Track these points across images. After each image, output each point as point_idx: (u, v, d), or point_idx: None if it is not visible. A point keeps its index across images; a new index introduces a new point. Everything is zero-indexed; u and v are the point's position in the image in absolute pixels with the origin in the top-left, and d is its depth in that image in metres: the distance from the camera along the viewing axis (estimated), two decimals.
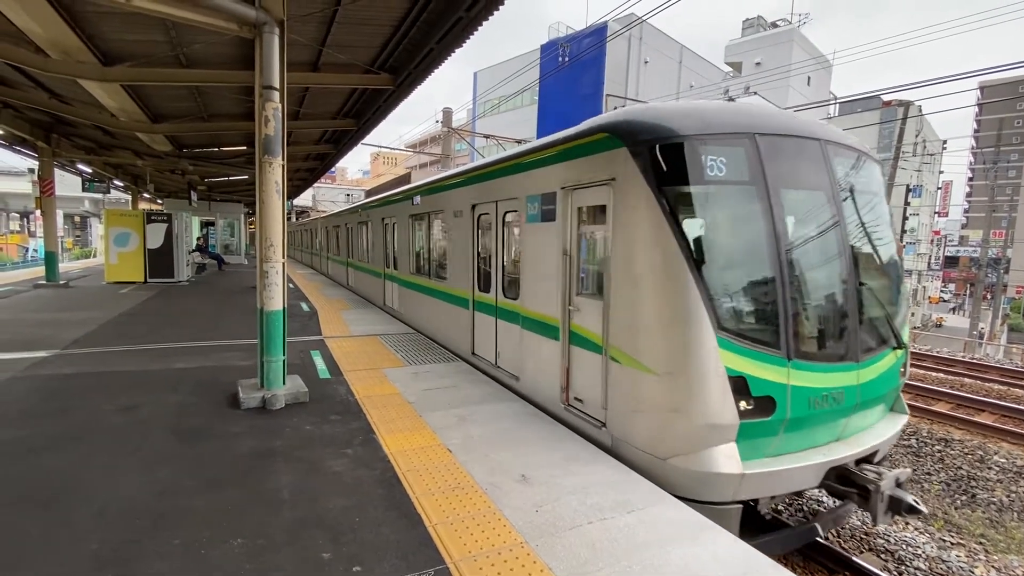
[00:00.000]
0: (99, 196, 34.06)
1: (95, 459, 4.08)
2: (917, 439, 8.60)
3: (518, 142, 16.95)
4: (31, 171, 28.47)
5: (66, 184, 24.26)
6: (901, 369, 4.65)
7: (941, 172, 49.40)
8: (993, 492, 7.03)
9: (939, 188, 47.75)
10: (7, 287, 15.24)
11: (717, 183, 3.88)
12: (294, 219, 40.28)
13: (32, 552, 2.89)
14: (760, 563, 2.91)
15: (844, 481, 4.04)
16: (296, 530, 3.14)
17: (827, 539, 5.09)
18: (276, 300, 5.44)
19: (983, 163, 50.29)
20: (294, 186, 27.02)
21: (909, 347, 4.80)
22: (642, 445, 4.04)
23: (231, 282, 18.59)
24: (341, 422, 4.98)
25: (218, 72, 8.72)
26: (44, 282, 15.50)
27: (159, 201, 29.70)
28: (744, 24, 41.04)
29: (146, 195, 26.95)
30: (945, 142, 36.34)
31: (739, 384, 3.65)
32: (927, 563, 5.15)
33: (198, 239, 24.19)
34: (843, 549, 5.08)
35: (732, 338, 3.68)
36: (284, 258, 5.54)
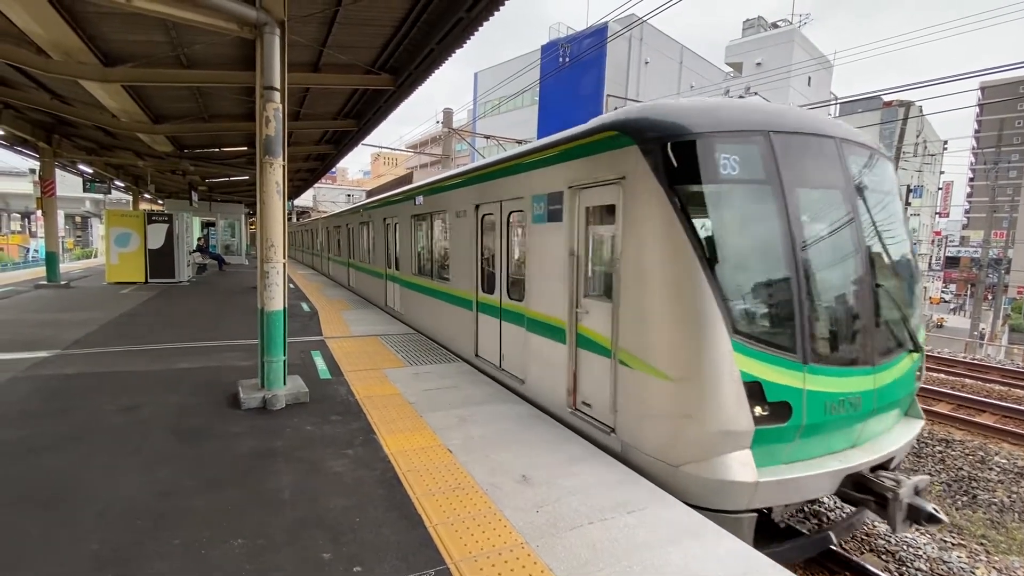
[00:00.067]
0: (100, 196, 34.12)
1: (96, 459, 4.08)
2: (918, 440, 8.59)
3: (518, 143, 16.96)
4: (32, 171, 28.53)
5: (67, 184, 24.31)
6: (917, 373, 4.53)
7: (942, 172, 49.42)
8: (994, 493, 7.02)
9: (940, 188, 47.76)
10: (8, 287, 15.26)
11: (731, 182, 3.77)
12: (295, 219, 40.30)
13: (32, 552, 2.89)
14: (760, 563, 2.91)
15: (860, 488, 3.90)
16: (296, 530, 3.14)
17: (841, 546, 4.96)
18: (277, 300, 5.44)
19: (984, 163, 50.25)
20: (295, 187, 27.04)
21: (925, 350, 4.69)
22: (653, 452, 3.94)
23: (232, 282, 18.60)
24: (342, 422, 4.98)
25: (219, 73, 8.73)
26: (45, 282, 15.52)
27: (160, 202, 29.74)
28: (745, 24, 41.03)
29: (147, 195, 26.98)
30: (946, 142, 36.28)
31: (754, 389, 3.54)
32: (928, 564, 5.14)
33: (199, 239, 24.21)
34: (844, 550, 5.07)
35: (747, 342, 3.58)
36: (285, 258, 5.55)
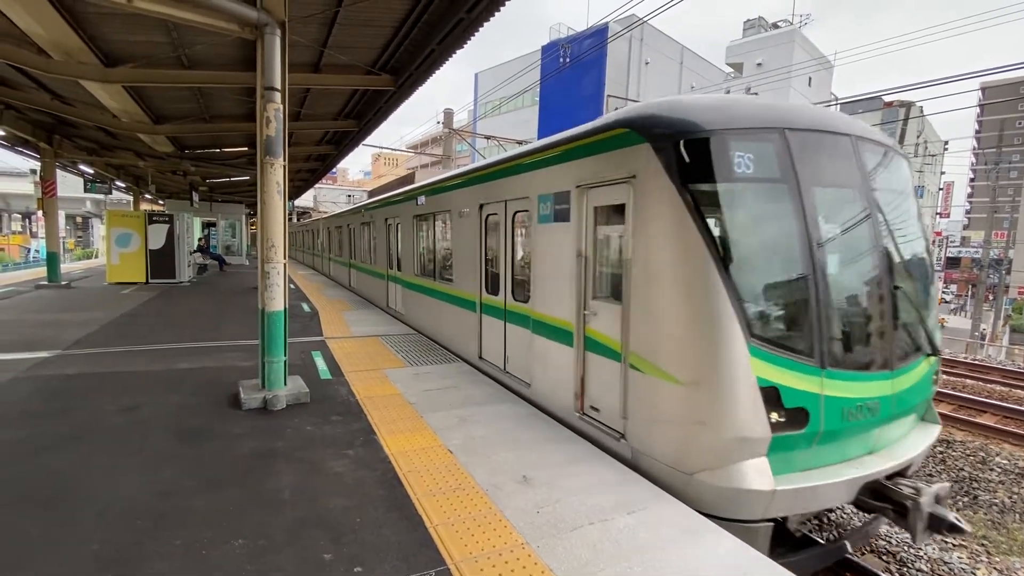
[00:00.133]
0: (101, 197, 34.26)
1: (96, 459, 4.08)
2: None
3: (519, 143, 16.96)
4: (33, 172, 28.58)
5: (68, 185, 24.36)
6: (934, 377, 4.44)
7: (943, 173, 49.39)
8: (995, 494, 7.01)
9: (941, 189, 47.70)
10: (9, 288, 15.27)
11: (745, 180, 3.65)
12: (295, 220, 40.32)
13: (33, 552, 2.89)
14: (761, 564, 2.91)
15: (878, 496, 3.78)
16: (297, 531, 3.14)
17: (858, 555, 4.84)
18: (277, 301, 5.44)
19: (984, 164, 50.22)
20: (295, 187, 27.06)
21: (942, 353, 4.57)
22: (666, 459, 3.82)
23: (232, 283, 18.61)
24: (342, 423, 4.98)
25: (220, 73, 8.74)
26: (46, 283, 15.53)
27: (161, 202, 29.77)
28: (745, 25, 41.01)
29: (148, 196, 27.01)
30: (946, 143, 36.27)
31: (771, 395, 3.43)
32: (929, 565, 5.14)
33: (199, 240, 24.21)
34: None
35: (763, 345, 3.47)
36: (285, 259, 5.55)
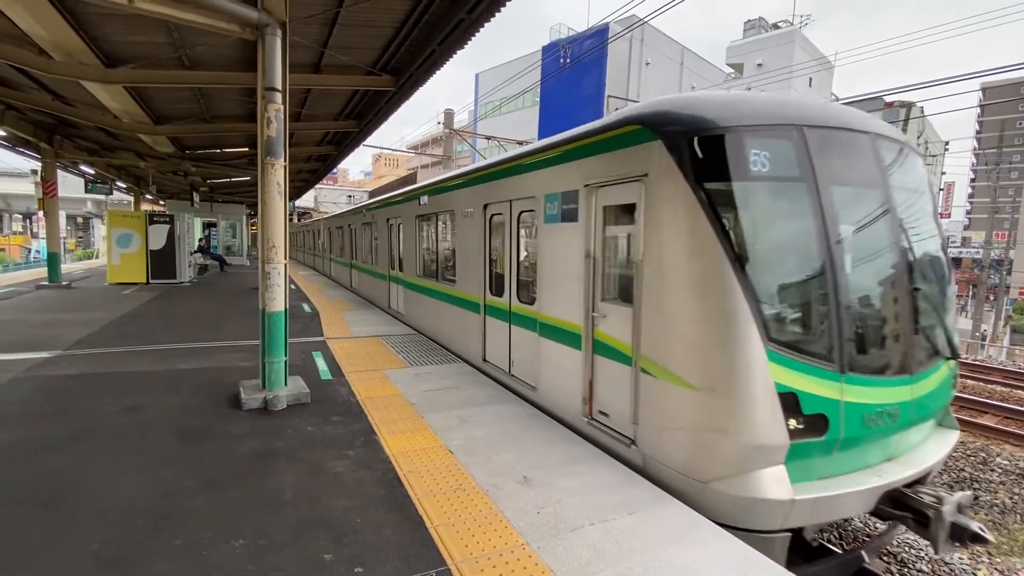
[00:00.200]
0: (102, 197, 34.33)
1: (97, 459, 4.09)
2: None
3: (519, 143, 16.96)
4: (34, 172, 28.59)
5: (69, 185, 24.39)
6: (953, 381, 4.35)
7: (943, 173, 49.34)
8: (996, 494, 7.00)
9: (941, 189, 47.67)
10: (10, 288, 15.29)
11: (762, 179, 3.54)
12: (296, 220, 40.35)
13: (33, 552, 2.89)
14: (761, 564, 2.91)
15: (898, 505, 3.65)
16: (298, 531, 3.14)
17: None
18: (278, 301, 5.45)
19: (985, 164, 50.21)
20: (296, 187, 27.07)
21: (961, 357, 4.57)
22: (679, 467, 3.70)
23: (233, 283, 18.62)
24: (343, 423, 4.98)
25: (220, 74, 8.74)
26: (47, 283, 15.56)
27: (161, 202, 29.79)
28: (745, 25, 41.02)
29: (148, 196, 27.03)
30: (947, 143, 36.27)
31: (789, 401, 3.32)
32: (930, 565, 5.13)
33: (200, 240, 24.23)
34: (846, 551, 5.06)
35: (781, 350, 3.36)
36: (286, 259, 5.56)
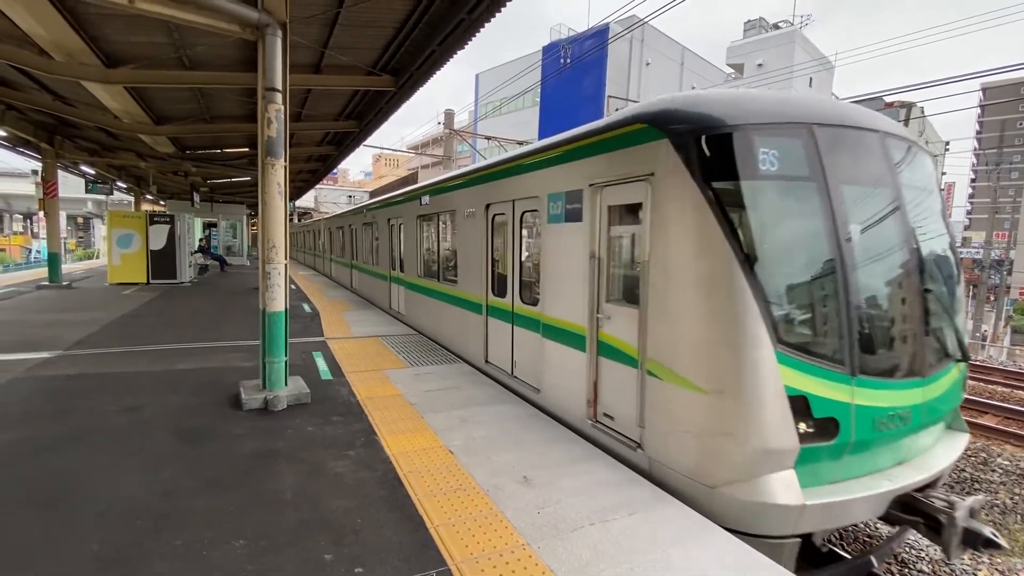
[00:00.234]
0: (102, 197, 34.34)
1: (97, 460, 4.09)
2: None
3: (520, 143, 16.95)
4: (34, 173, 28.63)
5: (69, 186, 24.40)
6: (962, 384, 4.31)
7: (944, 173, 49.28)
8: (996, 495, 7.00)
9: (942, 190, 47.62)
10: (10, 288, 15.29)
11: (771, 178, 3.49)
12: (296, 220, 40.36)
13: (33, 552, 2.89)
14: (762, 565, 2.91)
15: (909, 510, 3.60)
16: (298, 531, 3.14)
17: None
18: (278, 301, 5.45)
19: (986, 164, 50.21)
20: (296, 187, 27.08)
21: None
22: (686, 471, 3.64)
23: (233, 283, 18.62)
24: (343, 423, 4.98)
25: (221, 74, 8.75)
26: (47, 283, 15.56)
27: (162, 202, 29.80)
28: (746, 26, 41.01)
29: (149, 196, 27.04)
30: (947, 143, 36.25)
31: (799, 404, 3.27)
32: (931, 566, 5.12)
33: (200, 240, 24.25)
34: (846, 552, 5.05)
35: (791, 352, 3.30)
36: (286, 259, 5.56)
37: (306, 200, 47.68)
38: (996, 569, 5.24)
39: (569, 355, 4.95)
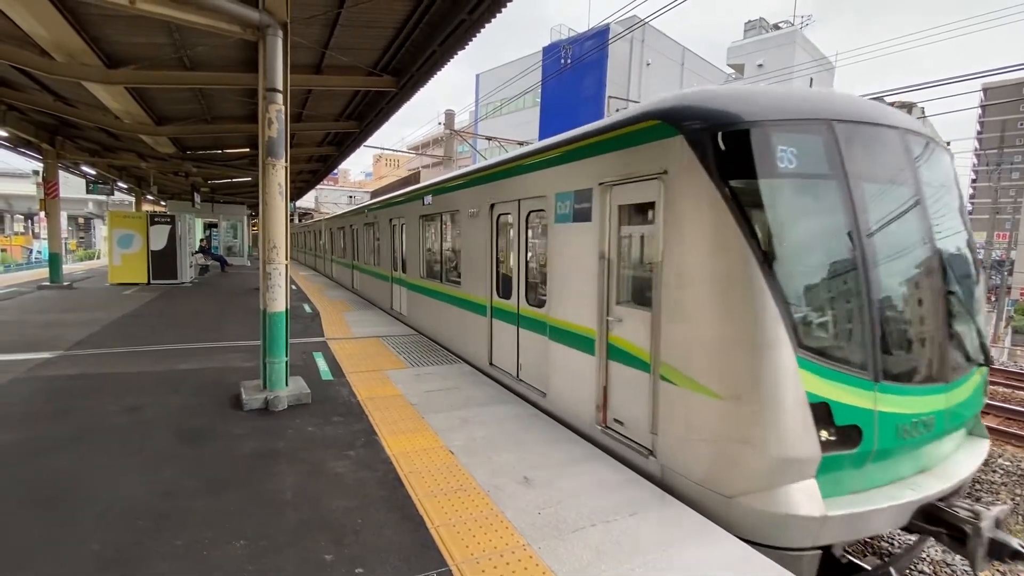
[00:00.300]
0: (103, 198, 34.37)
1: (97, 460, 4.09)
2: None
3: (520, 144, 16.98)
4: (35, 173, 28.62)
5: (70, 186, 24.42)
6: (984, 388, 4.20)
7: None
8: (997, 495, 6.99)
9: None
10: (11, 288, 15.30)
11: (791, 176, 3.38)
12: (297, 221, 40.39)
13: (34, 552, 2.89)
14: (763, 565, 2.90)
15: (932, 520, 3.46)
16: (298, 531, 3.14)
17: None
18: (279, 302, 5.45)
19: (986, 165, 50.17)
20: (297, 188, 27.10)
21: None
22: (702, 480, 3.53)
23: (234, 284, 18.63)
24: (343, 423, 4.98)
25: (222, 75, 8.76)
26: (48, 283, 15.59)
27: (163, 203, 29.84)
28: (746, 26, 41.01)
29: (150, 197, 27.07)
30: (948, 143, 36.24)
31: (820, 411, 3.16)
32: (932, 567, 5.12)
33: (201, 241, 24.26)
34: (846, 552, 5.04)
35: (813, 357, 3.19)
36: (287, 260, 5.56)
37: (307, 200, 47.72)
38: (997, 570, 5.23)
39: (577, 358, 4.86)
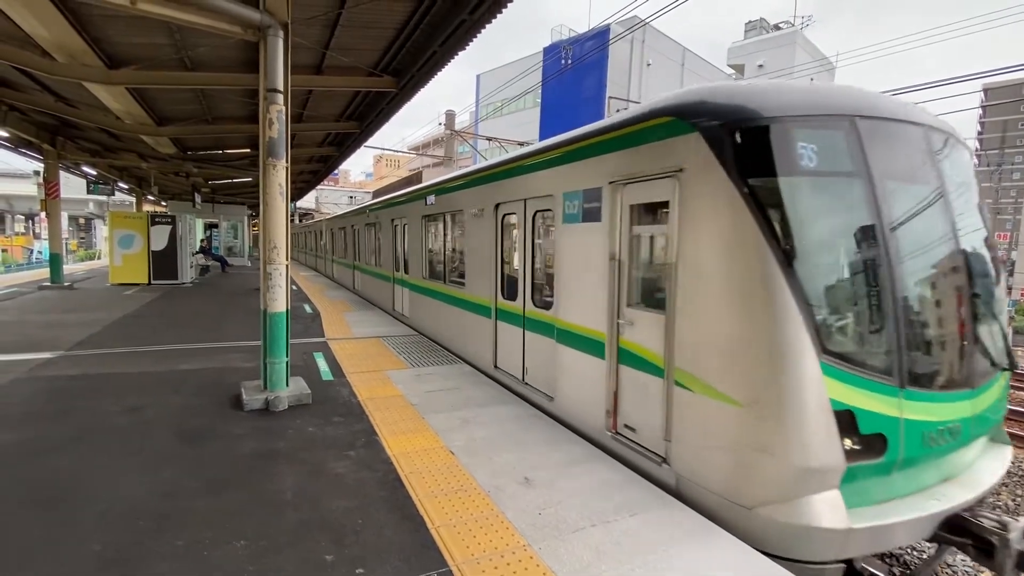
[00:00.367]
0: (104, 198, 34.43)
1: (98, 460, 4.09)
2: None
3: (521, 144, 16.98)
4: (36, 173, 28.66)
5: (71, 186, 24.49)
6: (1007, 393, 4.13)
7: None
8: (998, 496, 6.98)
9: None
10: (12, 288, 15.31)
11: (812, 174, 3.26)
12: (297, 221, 40.41)
13: (34, 552, 2.89)
14: (764, 566, 2.90)
15: (957, 530, 3.34)
16: (299, 532, 3.14)
17: None
18: (279, 302, 5.45)
19: (987, 165, 50.13)
20: (298, 188, 27.10)
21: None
22: (720, 489, 3.40)
23: (234, 284, 18.64)
24: (344, 424, 4.98)
25: (222, 75, 8.77)
26: (49, 284, 15.59)
27: (163, 203, 29.84)
28: (747, 26, 41.05)
29: (150, 197, 27.08)
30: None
31: (845, 419, 3.05)
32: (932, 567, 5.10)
33: (202, 241, 24.29)
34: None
35: (836, 362, 3.07)
36: (288, 260, 5.56)
37: (307, 201, 47.75)
38: None
39: (586, 362, 4.73)
